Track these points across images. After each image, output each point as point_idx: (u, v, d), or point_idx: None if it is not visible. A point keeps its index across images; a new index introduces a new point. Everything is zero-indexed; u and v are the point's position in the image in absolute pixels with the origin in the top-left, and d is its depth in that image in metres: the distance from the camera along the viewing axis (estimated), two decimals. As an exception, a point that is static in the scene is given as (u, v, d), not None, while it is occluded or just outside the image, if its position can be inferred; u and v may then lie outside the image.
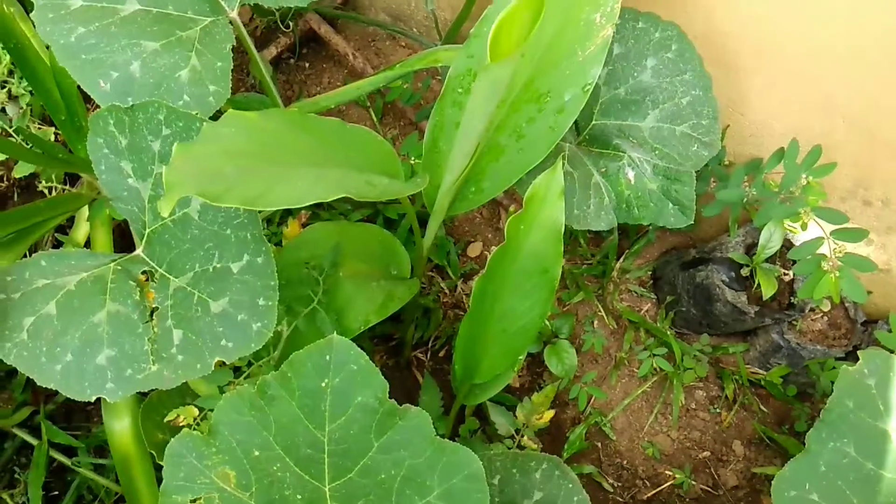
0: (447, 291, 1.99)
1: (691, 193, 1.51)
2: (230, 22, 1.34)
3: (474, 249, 2.06)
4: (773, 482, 1.13)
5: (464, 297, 1.98)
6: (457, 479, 1.04)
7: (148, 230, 1.19)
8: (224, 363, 1.18)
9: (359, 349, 1.04)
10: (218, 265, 1.14)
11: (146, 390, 1.12)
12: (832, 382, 1.15)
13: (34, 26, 1.24)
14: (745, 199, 1.53)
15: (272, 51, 2.15)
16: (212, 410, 1.09)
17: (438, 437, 1.05)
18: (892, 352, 1.49)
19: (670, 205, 1.52)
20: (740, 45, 1.53)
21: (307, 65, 2.25)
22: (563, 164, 1.48)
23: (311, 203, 0.92)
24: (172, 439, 1.06)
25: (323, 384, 1.04)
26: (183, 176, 0.88)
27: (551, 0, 1.33)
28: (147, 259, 1.19)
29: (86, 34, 1.23)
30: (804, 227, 1.41)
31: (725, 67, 1.56)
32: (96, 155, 1.18)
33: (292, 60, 2.25)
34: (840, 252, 1.38)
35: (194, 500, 1.05)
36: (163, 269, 1.17)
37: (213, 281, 1.14)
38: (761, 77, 1.54)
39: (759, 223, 1.48)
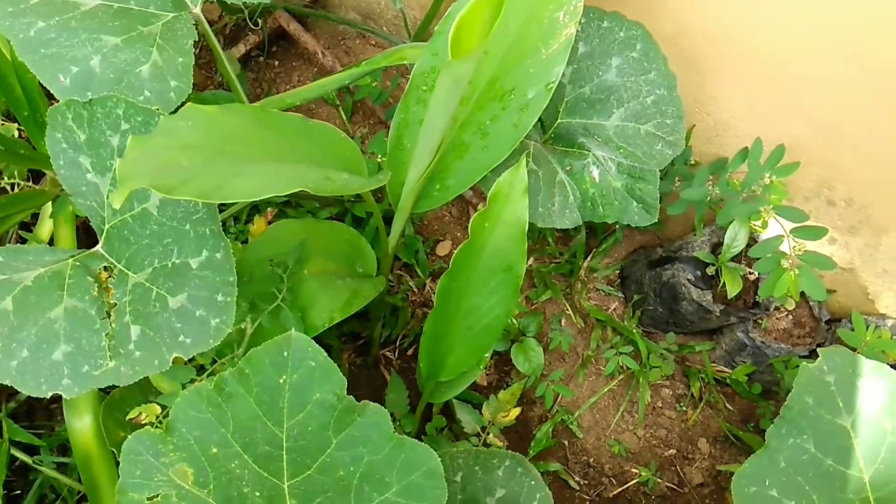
0: (416, 290, 1.99)
1: (655, 192, 1.51)
2: (194, 18, 1.34)
3: (443, 248, 2.06)
4: (733, 478, 1.14)
5: (432, 295, 1.97)
6: (415, 476, 1.04)
7: (107, 226, 1.18)
8: (186, 360, 1.18)
9: (317, 345, 1.04)
10: (177, 261, 1.13)
11: (104, 386, 1.11)
12: (794, 380, 1.16)
13: (-6, 21, 1.22)
14: (709, 198, 1.54)
15: (241, 48, 2.14)
16: (172, 409, 1.09)
17: (397, 433, 1.05)
18: (854, 349, 1.51)
19: (634, 203, 1.52)
20: (706, 46, 1.54)
21: (276, 63, 2.25)
22: (528, 161, 1.48)
23: (269, 196, 0.92)
24: (130, 436, 1.05)
25: (281, 381, 1.03)
26: (137, 168, 0.87)
27: (514, -2, 1.34)
28: (106, 255, 1.18)
29: (45, 28, 1.22)
30: (765, 225, 1.42)
31: (691, 68, 1.57)
32: (55, 150, 1.17)
33: (261, 58, 2.24)
34: (800, 250, 1.39)
35: (151, 498, 1.04)
36: (121, 264, 1.16)
37: (172, 276, 1.13)
38: (727, 77, 1.55)
39: (721, 222, 1.50)
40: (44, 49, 1.21)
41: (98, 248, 1.19)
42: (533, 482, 1.33)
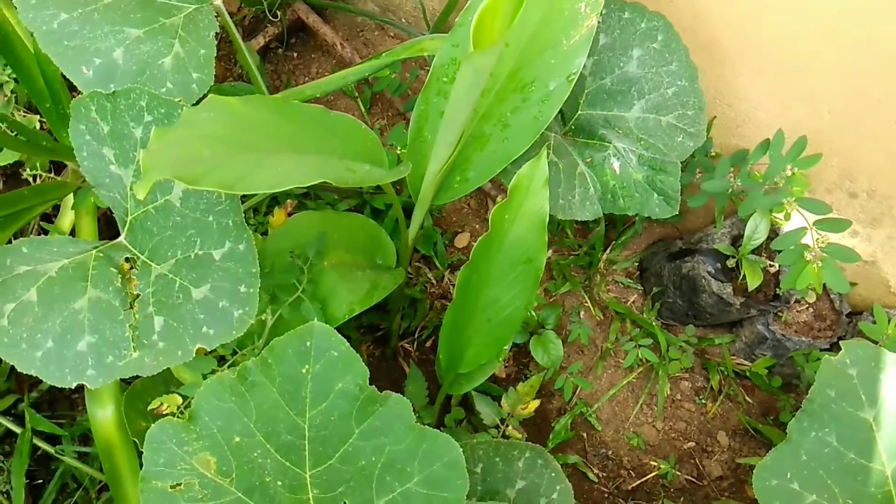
0: (434, 282, 1.99)
1: (676, 184, 1.51)
2: (215, 10, 1.34)
3: (462, 240, 2.06)
4: (754, 471, 1.14)
5: (451, 287, 1.98)
6: (437, 466, 1.04)
7: (130, 217, 1.18)
8: (207, 351, 1.18)
9: (339, 335, 1.04)
10: (200, 252, 1.14)
11: (127, 377, 1.12)
12: (816, 374, 1.16)
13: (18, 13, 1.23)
14: (731, 190, 1.54)
15: (260, 40, 2.15)
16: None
17: (419, 424, 1.05)
18: (875, 343, 1.50)
19: (655, 195, 1.52)
20: (727, 37, 1.53)
21: (295, 54, 2.25)
22: (549, 153, 1.48)
23: (290, 188, 0.92)
24: (153, 425, 1.06)
25: (304, 370, 1.04)
26: (160, 159, 0.87)
27: (536, -12, 1.33)
28: (129, 246, 1.18)
29: (68, 20, 1.22)
30: (787, 217, 1.41)
31: (712, 59, 1.56)
32: (78, 141, 1.18)
33: (280, 50, 2.24)
34: (823, 242, 1.38)
35: (174, 486, 1.05)
36: (144, 255, 1.17)
37: (195, 268, 1.14)
38: (748, 68, 1.54)
39: (743, 214, 1.49)
40: (67, 41, 1.22)
41: (121, 239, 1.20)
42: (553, 474, 1.33)
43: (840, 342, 1.19)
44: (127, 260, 1.18)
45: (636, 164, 1.52)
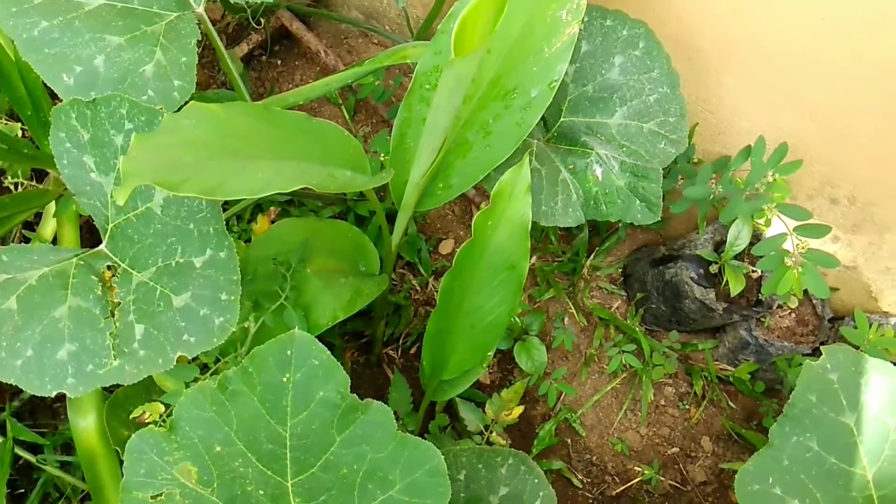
0: (418, 288, 1.99)
1: (658, 190, 1.52)
2: (197, 17, 1.34)
3: (446, 246, 2.06)
4: (736, 476, 1.14)
5: (435, 294, 1.98)
6: (419, 474, 1.04)
7: (111, 225, 1.18)
8: (189, 359, 1.18)
9: (320, 344, 1.04)
10: (181, 260, 1.14)
11: (108, 385, 1.11)
12: (797, 378, 1.17)
13: (-2, 21, 1.23)
14: (712, 197, 1.54)
15: (244, 47, 2.15)
16: (176, 407, 1.09)
17: (401, 431, 1.05)
18: (857, 347, 1.51)
19: (637, 202, 1.52)
20: (709, 44, 1.53)
21: (279, 62, 2.25)
22: (531, 160, 1.48)
23: (271, 193, 0.92)
24: (133, 435, 1.05)
25: (284, 379, 1.03)
26: (140, 165, 0.87)
27: (517, -4, 1.34)
28: (110, 254, 1.18)
29: (49, 28, 1.22)
30: (768, 223, 1.42)
31: (694, 66, 1.57)
32: (58, 149, 1.17)
33: (264, 57, 2.24)
34: (803, 248, 1.39)
35: (155, 496, 1.04)
36: (125, 263, 1.16)
37: (176, 275, 1.13)
38: (730, 75, 1.55)
39: (724, 220, 1.50)
40: (47, 49, 1.21)
41: (102, 247, 1.19)
42: (536, 480, 1.33)
43: (821, 347, 1.19)
44: (108, 268, 1.18)
45: (618, 171, 1.53)
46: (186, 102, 1.23)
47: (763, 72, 1.49)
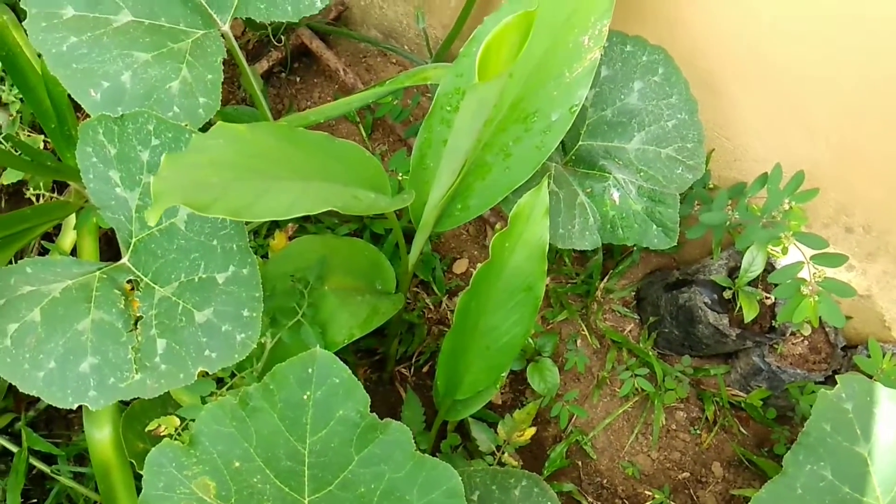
0: (432, 307, 2.00)
1: (675, 215, 1.52)
2: (222, 35, 1.35)
3: (460, 266, 2.07)
4: (750, 503, 1.14)
5: (448, 313, 1.98)
6: (436, 494, 1.05)
7: (134, 239, 1.19)
8: (207, 373, 1.19)
9: (341, 363, 1.05)
10: (203, 275, 1.15)
11: (129, 399, 1.12)
12: (811, 406, 1.17)
13: (27, 34, 1.24)
14: (728, 223, 1.55)
15: (263, 64, 2.17)
16: (193, 421, 1.09)
17: (419, 451, 1.06)
18: (870, 377, 1.51)
19: (654, 226, 1.53)
20: (726, 70, 1.55)
21: (298, 79, 2.27)
22: (549, 183, 1.49)
23: (298, 216, 0.93)
24: (153, 448, 1.06)
25: (305, 397, 1.04)
26: (171, 185, 0.88)
27: (540, 21, 1.35)
28: (133, 268, 1.19)
29: (78, 44, 1.24)
30: (785, 251, 1.42)
31: (711, 92, 1.58)
32: (85, 164, 1.19)
33: (283, 74, 2.26)
34: (820, 277, 1.39)
35: (173, 510, 1.05)
36: (148, 278, 1.17)
37: (198, 291, 1.14)
38: (746, 102, 1.56)
39: (740, 247, 1.50)
40: (75, 64, 1.23)
41: (124, 260, 1.21)
42: (549, 502, 1.33)
43: (836, 376, 1.19)
44: (129, 282, 1.19)
45: (636, 195, 1.53)
46: (211, 119, 1.25)
47: (779, 98, 1.50)
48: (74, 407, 1.11)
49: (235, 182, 0.95)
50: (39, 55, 1.27)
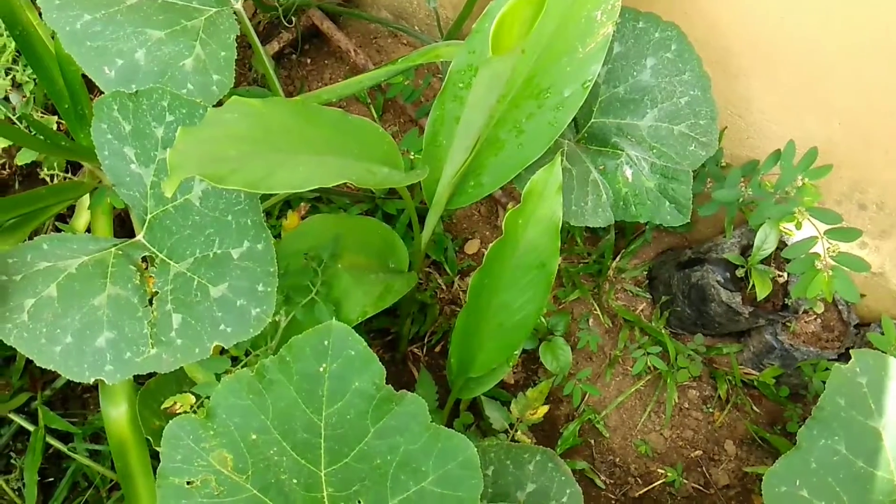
0: (444, 287, 2.01)
1: (688, 192, 1.52)
2: (234, 13, 1.36)
3: (472, 246, 2.07)
4: (763, 477, 1.14)
5: (460, 293, 1.99)
6: (452, 466, 1.05)
7: (149, 216, 1.20)
8: (223, 350, 1.19)
9: (357, 335, 1.05)
10: (218, 251, 1.15)
11: (144, 373, 1.13)
12: (824, 384, 1.16)
13: (40, 15, 1.25)
14: (741, 200, 1.55)
15: (274, 45, 2.17)
16: (208, 398, 1.10)
17: (434, 424, 1.06)
18: (884, 353, 1.51)
19: (667, 203, 1.53)
20: (739, 48, 1.54)
21: (309, 60, 2.27)
22: (562, 160, 1.49)
23: (312, 188, 0.94)
24: (171, 421, 1.07)
25: (321, 369, 1.05)
26: (187, 158, 0.89)
27: (553, -3, 1.35)
28: (148, 244, 1.20)
29: (91, 21, 1.24)
30: (798, 226, 1.42)
31: (724, 70, 1.57)
32: (100, 140, 1.19)
33: (294, 56, 2.26)
34: (834, 251, 1.39)
35: (191, 482, 1.06)
36: (163, 254, 1.18)
37: (213, 266, 1.15)
38: (759, 79, 1.56)
39: (753, 223, 1.50)
40: (90, 42, 1.23)
41: (139, 237, 1.21)
42: (563, 478, 1.34)
43: (850, 351, 1.19)
44: (145, 259, 1.20)
45: (648, 172, 1.53)
46: (224, 97, 1.25)
47: (792, 76, 1.50)
48: (91, 381, 1.11)
49: (251, 155, 0.96)
50: (53, 35, 1.28)
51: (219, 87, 1.26)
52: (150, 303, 1.15)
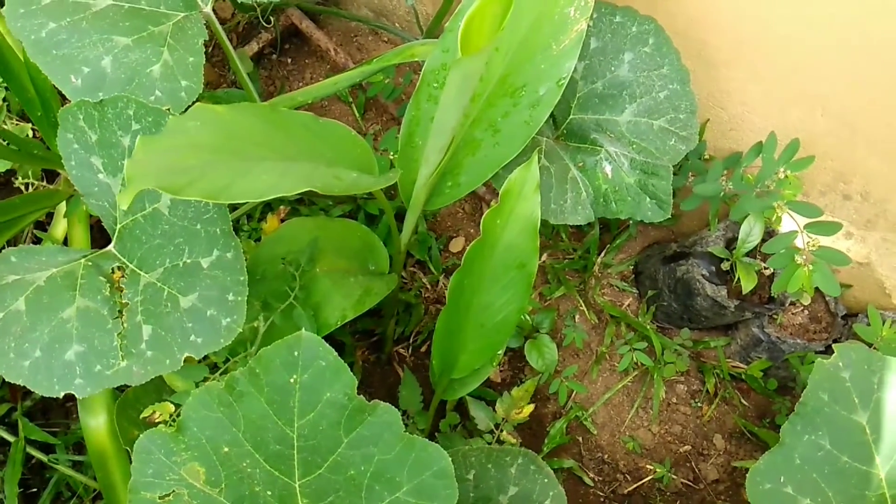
0: (429, 286, 1.99)
1: (668, 188, 1.51)
2: (205, 18, 1.34)
3: (456, 244, 2.05)
4: (747, 475, 1.13)
5: (445, 292, 1.97)
6: (426, 475, 1.04)
7: (119, 226, 1.18)
8: (200, 359, 1.18)
9: (327, 345, 1.04)
10: (188, 260, 1.14)
11: (115, 386, 1.12)
12: (809, 376, 1.16)
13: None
14: (723, 193, 1.53)
15: (253, 46, 2.15)
16: (184, 407, 1.09)
17: (408, 433, 1.05)
18: (870, 345, 1.50)
19: (647, 199, 1.51)
20: (719, 40, 1.52)
21: (289, 60, 2.25)
22: (540, 158, 1.48)
23: (275, 196, 0.92)
24: (141, 435, 1.06)
25: (292, 380, 1.03)
26: (145, 169, 0.87)
27: (525, -6, 1.33)
28: (118, 254, 1.18)
29: (57, 29, 1.23)
30: (778, 221, 1.41)
31: (705, 62, 1.56)
32: (66, 150, 1.18)
33: (274, 56, 2.24)
34: (814, 245, 1.38)
35: (164, 497, 1.05)
36: (133, 264, 1.16)
37: (183, 276, 1.13)
38: (741, 71, 1.54)
39: (735, 217, 1.49)
40: (55, 50, 1.22)
41: (110, 247, 1.20)
42: (546, 479, 1.32)
43: (833, 345, 1.18)
44: (116, 269, 1.18)
45: (628, 168, 1.52)
46: (194, 102, 1.24)
47: (774, 67, 1.48)
48: (61, 395, 1.10)
49: (213, 164, 0.94)
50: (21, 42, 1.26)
51: (187, 92, 1.25)
52: (120, 314, 1.14)
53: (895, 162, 1.46)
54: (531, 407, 1.65)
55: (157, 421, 1.24)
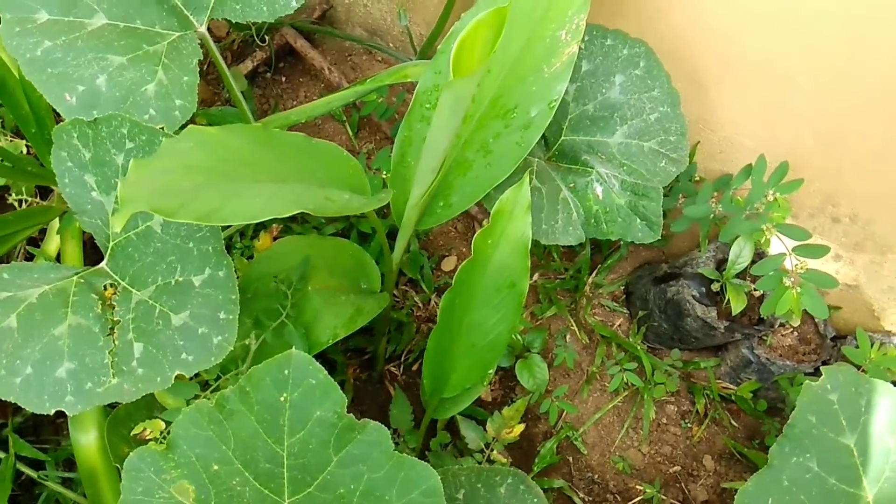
0: (421, 305, 2.00)
1: (658, 209, 1.52)
2: (199, 37, 1.35)
3: (448, 263, 2.06)
4: (735, 497, 1.14)
5: (437, 310, 1.97)
6: (415, 494, 1.04)
7: (112, 243, 1.19)
8: (193, 376, 1.18)
9: (317, 364, 1.04)
10: (180, 278, 1.14)
11: (106, 403, 1.12)
12: (797, 399, 1.16)
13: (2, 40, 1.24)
14: (713, 215, 1.54)
15: (248, 65, 2.16)
16: (175, 424, 1.09)
17: (398, 452, 1.05)
18: (859, 367, 1.51)
19: (638, 220, 1.52)
20: (709, 62, 1.54)
21: (284, 79, 2.26)
22: (532, 179, 1.49)
23: (267, 218, 0.93)
24: (131, 453, 1.06)
25: (282, 398, 1.04)
26: (138, 191, 0.88)
27: (517, 17, 1.35)
28: (110, 272, 1.19)
29: (52, 48, 1.23)
30: (767, 244, 1.42)
31: (695, 84, 1.57)
32: (60, 168, 1.18)
33: (269, 74, 2.25)
34: (802, 268, 1.39)
35: (153, 515, 1.05)
36: (125, 282, 1.17)
37: (175, 294, 1.14)
38: (730, 94, 1.56)
39: (724, 239, 1.50)
40: (50, 68, 1.22)
41: (103, 265, 1.20)
42: (536, 499, 1.33)
43: (821, 367, 1.19)
44: (109, 286, 1.18)
45: (619, 190, 1.53)
46: (188, 121, 1.24)
47: (763, 90, 1.49)
48: (52, 412, 1.10)
49: (205, 186, 0.94)
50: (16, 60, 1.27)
51: (181, 112, 1.25)
52: (112, 331, 1.14)
53: (883, 185, 1.47)
54: (522, 426, 1.65)
55: (147, 438, 1.24)
